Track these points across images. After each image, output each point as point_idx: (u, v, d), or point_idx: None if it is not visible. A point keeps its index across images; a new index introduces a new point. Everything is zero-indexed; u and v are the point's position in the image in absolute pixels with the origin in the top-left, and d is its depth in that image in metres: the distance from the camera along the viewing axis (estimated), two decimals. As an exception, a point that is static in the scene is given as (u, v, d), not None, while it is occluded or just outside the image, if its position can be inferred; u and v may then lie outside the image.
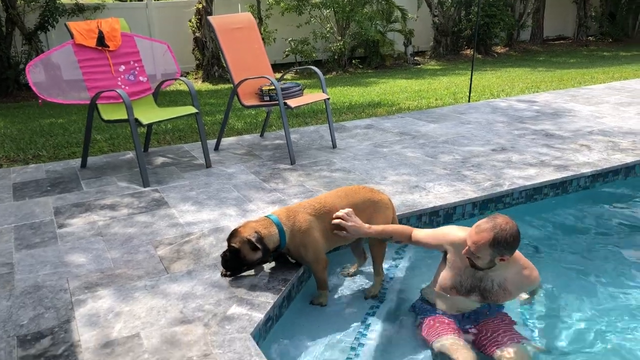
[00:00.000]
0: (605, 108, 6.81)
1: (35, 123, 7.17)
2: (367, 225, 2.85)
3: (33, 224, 3.64)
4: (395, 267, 3.33)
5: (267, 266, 2.94)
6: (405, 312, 2.89)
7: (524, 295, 2.82)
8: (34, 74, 4.44)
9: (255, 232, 2.68)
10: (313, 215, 2.83)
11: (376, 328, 2.73)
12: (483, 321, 2.64)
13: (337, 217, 2.83)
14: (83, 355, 2.26)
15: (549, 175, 4.27)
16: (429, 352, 2.56)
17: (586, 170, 4.36)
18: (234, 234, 2.73)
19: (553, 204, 4.15)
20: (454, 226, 2.73)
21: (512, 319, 2.66)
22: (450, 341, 2.49)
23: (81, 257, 3.14)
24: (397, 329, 2.75)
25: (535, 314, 2.85)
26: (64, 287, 2.81)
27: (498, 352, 2.44)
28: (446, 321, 2.63)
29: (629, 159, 4.61)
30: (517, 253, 2.58)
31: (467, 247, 2.46)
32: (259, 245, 2.67)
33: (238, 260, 2.74)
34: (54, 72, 4.59)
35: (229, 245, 2.73)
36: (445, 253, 2.72)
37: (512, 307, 2.79)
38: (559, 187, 4.23)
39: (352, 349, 2.56)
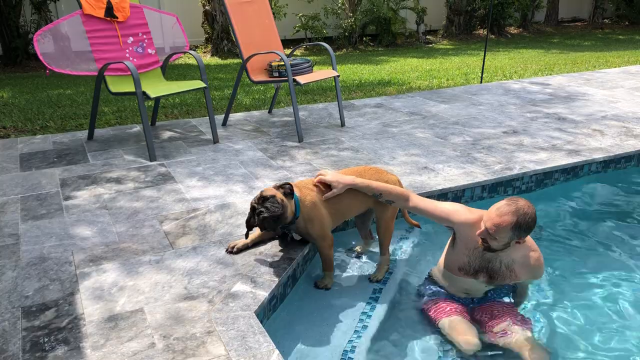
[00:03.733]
0: (620, 93, 6.70)
1: (43, 93, 7.15)
2: (351, 177, 2.78)
3: (39, 195, 3.63)
4: (401, 248, 3.31)
5: (273, 245, 2.92)
6: (410, 294, 2.87)
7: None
8: (42, 44, 4.40)
9: (280, 186, 2.68)
10: (317, 191, 2.81)
11: (380, 310, 2.71)
12: (488, 305, 2.63)
13: (317, 181, 2.83)
14: (87, 329, 2.26)
15: (561, 159, 4.21)
16: (433, 335, 2.55)
17: (598, 155, 4.29)
18: (265, 196, 2.62)
19: (564, 189, 4.10)
20: (461, 205, 2.67)
21: (515, 308, 2.65)
22: (457, 321, 2.48)
23: (86, 230, 3.13)
24: (401, 312, 2.74)
25: (541, 300, 2.83)
26: (68, 259, 2.80)
27: (503, 337, 2.43)
28: (453, 303, 2.63)
29: (643, 145, 4.54)
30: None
31: (483, 229, 2.42)
32: (293, 192, 2.68)
33: (275, 206, 2.63)
34: (62, 42, 4.54)
35: (265, 202, 2.61)
36: (454, 233, 2.69)
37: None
38: (570, 172, 4.17)
39: (355, 331, 2.55)
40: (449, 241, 2.76)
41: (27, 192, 3.69)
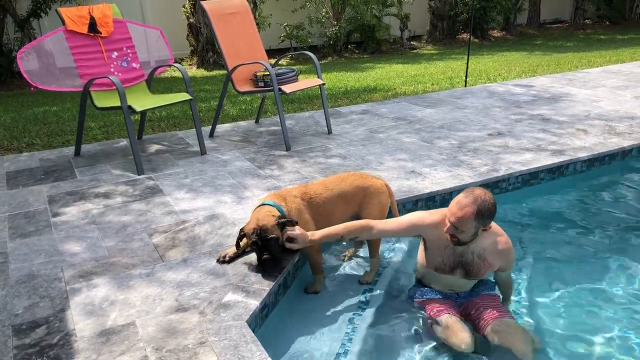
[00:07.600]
0: (602, 92, 6.79)
1: (28, 111, 7.11)
2: (309, 233, 2.70)
3: (27, 213, 3.61)
4: (391, 250, 3.33)
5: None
6: (400, 296, 2.89)
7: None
8: (26, 61, 4.39)
9: (273, 215, 2.67)
10: (300, 198, 2.84)
11: (370, 313, 2.73)
12: (475, 299, 2.67)
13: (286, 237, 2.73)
14: (78, 345, 2.25)
15: (546, 160, 4.26)
16: (424, 334, 2.57)
17: (583, 154, 4.35)
18: (265, 230, 2.63)
19: (549, 189, 4.14)
20: (421, 212, 2.73)
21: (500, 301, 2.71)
22: (450, 320, 2.52)
23: (76, 246, 3.12)
24: (391, 313, 2.76)
25: (527, 297, 2.87)
26: (58, 276, 2.79)
27: (489, 328, 2.49)
28: (444, 302, 2.66)
29: (626, 142, 4.60)
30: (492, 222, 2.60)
31: (448, 225, 2.48)
32: (292, 221, 2.67)
33: (277, 248, 2.69)
34: (46, 59, 4.53)
35: (264, 242, 2.64)
36: (423, 239, 2.72)
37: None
38: (555, 171, 4.22)
39: (347, 334, 2.57)
40: (420, 247, 2.79)
41: (15, 210, 3.67)
